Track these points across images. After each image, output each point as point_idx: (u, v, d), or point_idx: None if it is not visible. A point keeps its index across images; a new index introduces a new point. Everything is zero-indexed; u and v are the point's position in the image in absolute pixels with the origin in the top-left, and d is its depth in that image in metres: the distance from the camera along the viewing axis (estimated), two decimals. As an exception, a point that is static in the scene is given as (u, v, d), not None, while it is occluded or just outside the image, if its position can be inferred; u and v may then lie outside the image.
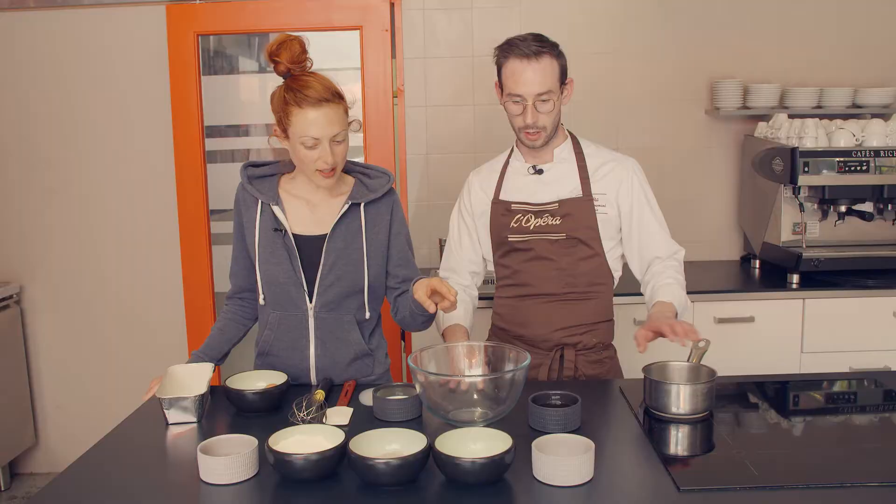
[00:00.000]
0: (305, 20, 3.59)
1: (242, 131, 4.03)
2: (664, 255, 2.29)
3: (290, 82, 2.00)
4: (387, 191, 2.15)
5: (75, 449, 3.86)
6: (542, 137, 2.20)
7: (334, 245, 2.09)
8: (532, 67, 2.11)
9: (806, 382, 2.26)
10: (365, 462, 1.51)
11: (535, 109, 2.14)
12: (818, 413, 2.04)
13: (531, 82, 2.12)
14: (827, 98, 3.56)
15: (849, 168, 3.14)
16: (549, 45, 2.15)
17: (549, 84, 2.13)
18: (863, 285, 3.19)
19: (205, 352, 2.19)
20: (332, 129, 1.97)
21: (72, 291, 3.86)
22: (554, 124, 2.21)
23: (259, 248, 2.11)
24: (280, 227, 2.09)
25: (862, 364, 3.19)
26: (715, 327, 3.18)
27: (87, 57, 3.68)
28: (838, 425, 1.95)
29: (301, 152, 2.00)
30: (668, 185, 3.74)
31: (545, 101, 2.14)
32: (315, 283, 2.10)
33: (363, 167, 2.21)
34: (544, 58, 2.12)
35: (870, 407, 2.06)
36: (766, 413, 2.01)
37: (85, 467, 1.70)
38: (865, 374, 2.37)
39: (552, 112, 2.17)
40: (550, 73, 2.13)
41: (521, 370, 1.83)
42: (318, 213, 2.12)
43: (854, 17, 3.66)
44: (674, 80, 3.70)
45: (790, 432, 1.88)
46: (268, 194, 2.12)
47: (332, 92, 1.98)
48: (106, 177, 3.77)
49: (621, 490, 1.54)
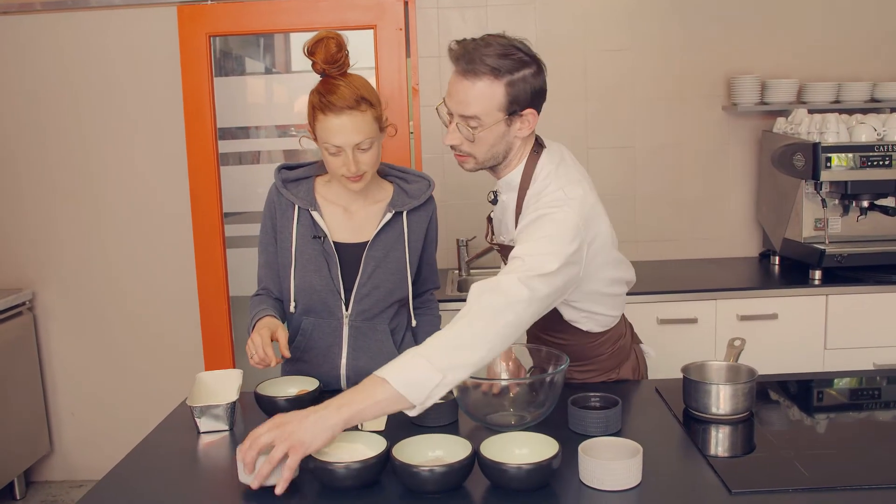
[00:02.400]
0: (318, 20, 3.56)
1: (252, 133, 3.99)
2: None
3: (321, 85, 1.94)
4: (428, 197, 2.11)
5: (91, 456, 3.91)
6: (468, 162, 1.89)
7: (374, 254, 2.05)
8: (464, 84, 1.77)
9: (842, 380, 2.22)
10: (410, 469, 1.48)
11: (457, 129, 1.82)
12: (859, 411, 2.00)
13: (457, 98, 1.80)
14: (845, 92, 3.53)
15: (871, 163, 3.11)
16: (497, 64, 1.74)
17: (478, 109, 1.77)
18: (886, 281, 3.16)
19: (265, 311, 2.03)
20: (356, 137, 1.90)
21: (85, 297, 3.82)
22: (486, 155, 1.86)
23: (296, 255, 2.05)
24: (319, 234, 2.04)
25: (886, 360, 3.16)
26: (738, 324, 3.15)
27: (98, 60, 3.64)
28: (883, 424, 1.91)
29: (326, 157, 1.96)
30: (687, 182, 3.72)
31: (470, 127, 1.79)
32: (353, 292, 2.05)
33: (400, 171, 2.15)
34: (482, 79, 1.75)
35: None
36: (806, 412, 1.98)
37: (118, 478, 1.67)
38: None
39: (474, 141, 1.81)
40: (485, 98, 1.76)
41: (560, 373, 1.80)
42: (356, 219, 2.07)
43: (871, 10, 3.63)
44: (690, 77, 3.66)
45: (833, 431, 1.85)
46: (305, 199, 2.05)
47: (359, 98, 1.89)
48: (118, 181, 3.73)
49: (672, 493, 1.51)
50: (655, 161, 3.71)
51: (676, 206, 3.74)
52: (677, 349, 2.82)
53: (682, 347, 3.03)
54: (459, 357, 1.58)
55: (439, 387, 1.55)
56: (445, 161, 3.66)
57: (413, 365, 1.55)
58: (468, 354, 1.59)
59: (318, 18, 3.56)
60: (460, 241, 3.64)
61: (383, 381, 1.54)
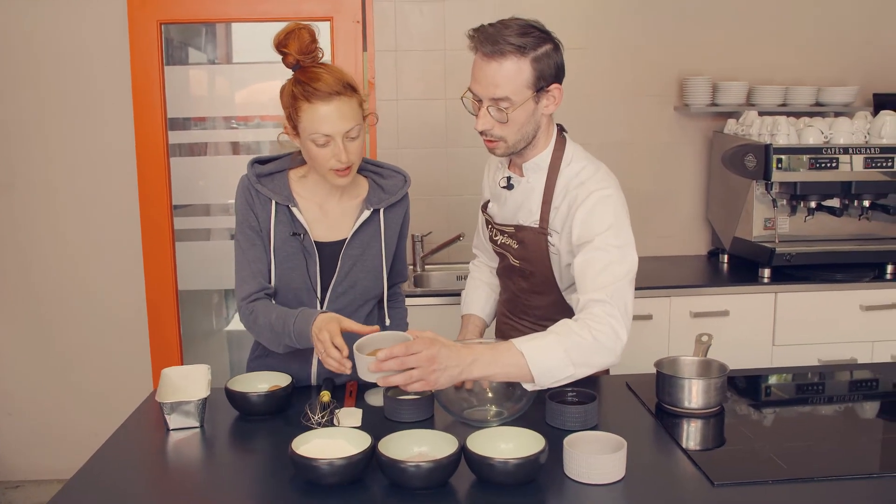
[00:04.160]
0: (273, 10, 3.49)
1: (197, 125, 3.89)
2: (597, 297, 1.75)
3: (298, 75, 1.86)
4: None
5: (28, 457, 3.75)
6: (499, 147, 1.88)
7: (351, 252, 1.99)
8: (492, 67, 1.79)
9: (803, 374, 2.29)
10: (397, 465, 1.45)
11: (487, 113, 1.83)
12: (820, 404, 2.06)
13: (485, 82, 1.80)
14: (792, 96, 3.63)
15: (819, 165, 3.21)
16: (521, 42, 1.77)
17: (508, 90, 1.79)
18: (831, 279, 3.26)
19: (304, 310, 1.90)
20: (345, 124, 1.83)
21: (24, 293, 3.67)
22: (517, 136, 1.86)
23: (274, 252, 1.96)
24: (299, 231, 1.96)
25: (831, 356, 3.26)
26: (691, 321, 3.21)
27: (45, 46, 3.49)
28: (844, 416, 1.96)
29: (313, 150, 1.86)
30: (639, 180, 3.76)
31: (500, 109, 1.81)
32: (328, 290, 2.00)
33: (375, 165, 2.09)
34: (509, 58, 1.78)
35: (870, 397, 2.09)
36: (773, 406, 2.03)
37: (88, 476, 1.60)
38: (869, 366, 2.42)
39: (507, 122, 1.82)
40: (513, 77, 1.78)
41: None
42: (332, 216, 2.01)
43: (817, 17, 3.74)
44: (644, 77, 3.71)
45: (803, 424, 1.90)
46: (282, 194, 1.97)
47: (344, 84, 1.83)
48: (66, 169, 3.58)
49: (656, 486, 1.52)
50: (609, 159, 3.61)
51: (630, 203, 3.74)
52: (634, 345, 2.83)
53: (639, 343, 3.06)
54: (594, 358, 1.70)
55: (566, 378, 1.69)
56: (401, 155, 3.64)
57: (553, 354, 1.66)
58: (598, 359, 1.71)
59: (273, 9, 3.49)
60: (416, 236, 3.62)
61: (520, 354, 1.65)
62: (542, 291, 2.04)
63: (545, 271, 1.99)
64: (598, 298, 1.73)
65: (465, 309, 2.31)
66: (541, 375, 1.66)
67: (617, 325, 1.71)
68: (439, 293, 3.23)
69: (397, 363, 1.56)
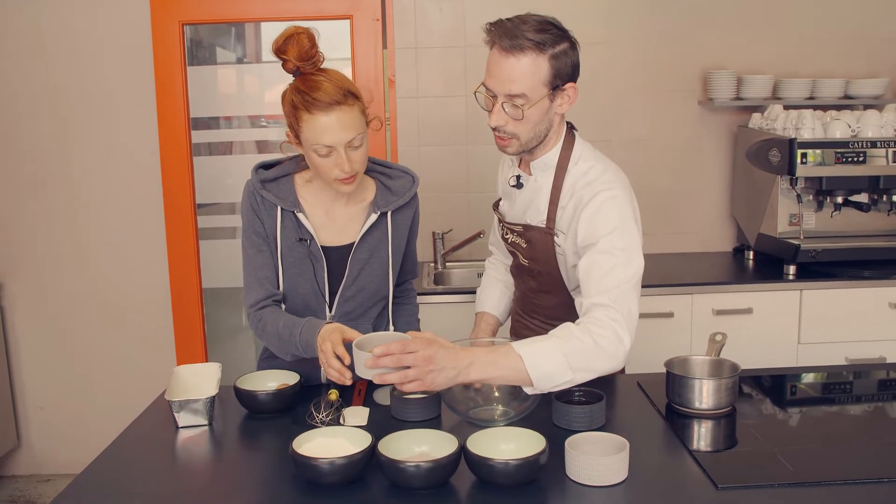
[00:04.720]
0: (294, 9, 3.51)
1: (223, 124, 3.93)
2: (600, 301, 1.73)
3: (298, 83, 1.82)
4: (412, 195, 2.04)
5: (59, 450, 3.83)
6: (511, 145, 1.86)
7: (360, 256, 1.98)
8: (509, 62, 1.76)
9: (821, 374, 2.25)
10: (396, 465, 1.45)
11: (502, 109, 1.80)
12: (833, 405, 2.02)
13: (501, 77, 1.77)
14: (819, 89, 3.56)
15: (846, 159, 3.14)
16: (540, 38, 1.75)
17: (524, 86, 1.76)
18: (859, 276, 3.19)
19: (310, 320, 1.90)
20: (347, 134, 1.79)
21: (54, 289, 3.74)
22: (530, 134, 1.83)
23: (282, 258, 1.96)
24: (305, 237, 1.95)
25: (858, 355, 3.20)
26: (714, 319, 3.17)
27: (71, 46, 3.56)
28: (860, 418, 1.92)
29: (316, 160, 1.83)
30: (662, 175, 3.73)
31: (515, 105, 1.77)
32: (337, 295, 2.00)
33: (383, 166, 2.07)
34: (527, 54, 1.75)
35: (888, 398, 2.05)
36: (784, 406, 1.99)
37: (97, 473, 1.62)
38: (888, 366, 2.37)
39: (522, 119, 1.79)
40: (530, 73, 1.75)
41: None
42: (339, 221, 1.99)
43: (845, 8, 3.66)
44: (667, 71, 3.67)
45: (813, 426, 1.86)
46: (287, 199, 1.94)
47: (345, 92, 1.79)
48: (90, 169, 3.65)
49: (658, 489, 1.50)
50: (631, 155, 3.70)
51: (652, 200, 3.74)
52: (654, 343, 2.83)
53: (659, 341, 3.05)
54: (595, 363, 1.68)
55: (566, 383, 1.68)
56: (422, 153, 3.64)
57: (552, 359, 1.64)
58: (600, 364, 1.69)
59: (294, 7, 3.51)
60: (436, 234, 3.62)
61: (518, 358, 1.64)
62: (551, 291, 2.02)
63: (553, 271, 1.97)
64: (601, 302, 1.71)
65: (479, 307, 2.30)
66: (539, 380, 1.65)
67: (620, 329, 1.69)
68: (460, 290, 3.22)
69: (393, 360, 1.56)
